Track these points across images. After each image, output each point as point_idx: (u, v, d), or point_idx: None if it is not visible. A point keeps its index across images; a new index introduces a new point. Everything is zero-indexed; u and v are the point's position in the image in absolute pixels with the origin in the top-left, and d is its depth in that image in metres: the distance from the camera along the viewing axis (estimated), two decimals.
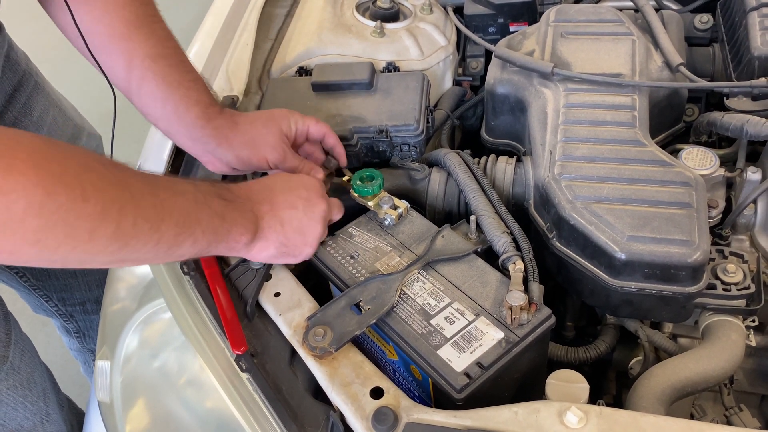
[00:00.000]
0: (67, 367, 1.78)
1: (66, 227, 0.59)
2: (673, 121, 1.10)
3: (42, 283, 1.35)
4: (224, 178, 1.00)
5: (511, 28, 1.28)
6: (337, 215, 0.92)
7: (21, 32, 1.19)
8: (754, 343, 0.91)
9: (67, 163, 0.59)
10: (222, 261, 0.94)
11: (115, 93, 1.15)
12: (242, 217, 0.78)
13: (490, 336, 0.78)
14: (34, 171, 0.56)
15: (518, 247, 0.88)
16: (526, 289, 0.82)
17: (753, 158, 1.03)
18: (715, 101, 1.14)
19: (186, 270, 0.91)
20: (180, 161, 1.05)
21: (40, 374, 1.18)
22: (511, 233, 0.90)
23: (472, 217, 0.92)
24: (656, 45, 1.07)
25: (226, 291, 0.87)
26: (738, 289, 0.86)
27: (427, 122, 1.06)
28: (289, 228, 0.83)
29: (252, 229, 0.79)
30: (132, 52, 0.88)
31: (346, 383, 0.77)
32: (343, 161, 1.01)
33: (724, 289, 0.86)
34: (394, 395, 0.75)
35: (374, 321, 0.81)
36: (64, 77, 1.36)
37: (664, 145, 1.06)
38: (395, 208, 0.94)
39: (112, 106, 0.97)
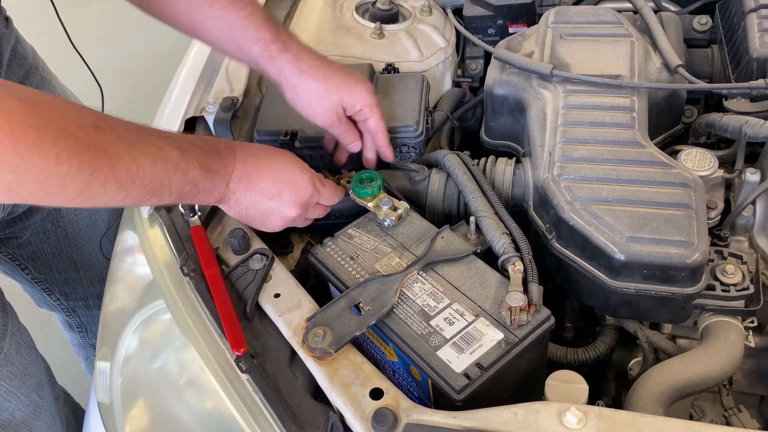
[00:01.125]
0: (67, 367, 1.78)
1: (38, 183, 0.64)
2: (672, 123, 1.10)
3: (43, 276, 1.35)
4: None
5: (510, 30, 1.28)
6: (323, 212, 0.96)
7: (23, 31, 1.20)
8: (753, 344, 0.91)
9: (45, 130, 0.63)
10: (222, 262, 0.94)
11: (102, 92, 1.15)
12: (214, 189, 0.83)
13: (490, 337, 0.79)
14: (10, 137, 0.61)
15: (518, 248, 0.89)
16: (526, 290, 0.82)
17: (752, 159, 1.03)
18: (714, 102, 1.15)
19: (186, 271, 0.91)
20: None
21: (35, 366, 1.19)
22: (511, 234, 0.90)
23: (472, 218, 0.92)
24: (655, 46, 1.07)
25: (226, 292, 0.88)
26: (737, 290, 0.86)
27: (427, 123, 1.06)
28: (254, 210, 0.88)
29: (219, 197, 0.85)
30: (192, 2, 0.92)
31: (346, 384, 0.77)
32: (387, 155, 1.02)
33: (723, 290, 0.86)
34: (393, 396, 0.76)
35: (374, 322, 0.81)
36: (65, 79, 1.38)
37: (663, 147, 1.06)
38: (395, 209, 0.94)
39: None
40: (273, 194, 0.87)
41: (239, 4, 0.92)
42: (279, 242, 1.09)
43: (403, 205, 0.95)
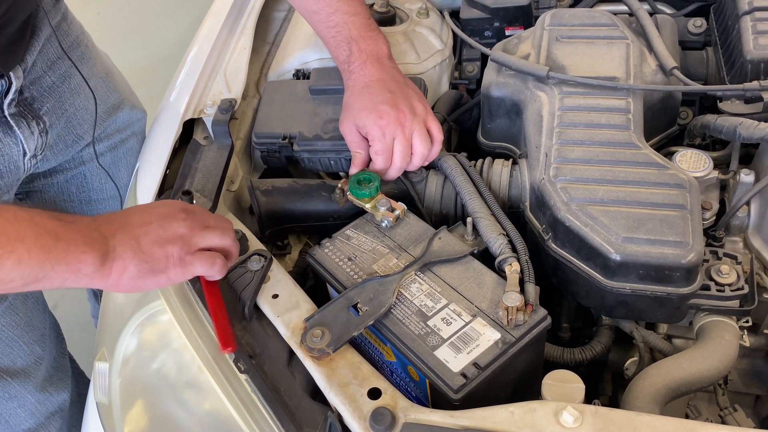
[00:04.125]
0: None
1: None
2: (667, 124, 1.11)
3: None
4: None
5: (507, 32, 1.29)
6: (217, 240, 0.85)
7: None
8: (747, 344, 0.91)
9: None
10: None
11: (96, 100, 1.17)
12: (83, 236, 0.74)
13: (487, 337, 0.79)
14: None
15: (514, 249, 0.89)
16: (522, 291, 0.83)
17: (746, 160, 1.04)
18: (709, 104, 1.15)
19: None
20: (178, 164, 1.06)
21: (40, 321, 1.21)
22: (508, 235, 0.91)
23: (469, 219, 0.93)
24: (650, 49, 1.08)
25: (218, 290, 0.87)
26: (732, 290, 0.86)
27: None
28: (145, 242, 0.78)
29: (99, 248, 0.74)
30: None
31: (344, 384, 0.78)
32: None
33: (718, 290, 0.86)
34: (391, 396, 0.76)
35: (372, 322, 0.81)
36: None
37: (658, 148, 1.07)
38: (392, 210, 0.95)
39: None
40: (151, 217, 0.80)
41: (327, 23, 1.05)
42: (277, 243, 1.09)
43: (400, 206, 0.95)
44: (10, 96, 0.99)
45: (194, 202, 0.97)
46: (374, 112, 0.97)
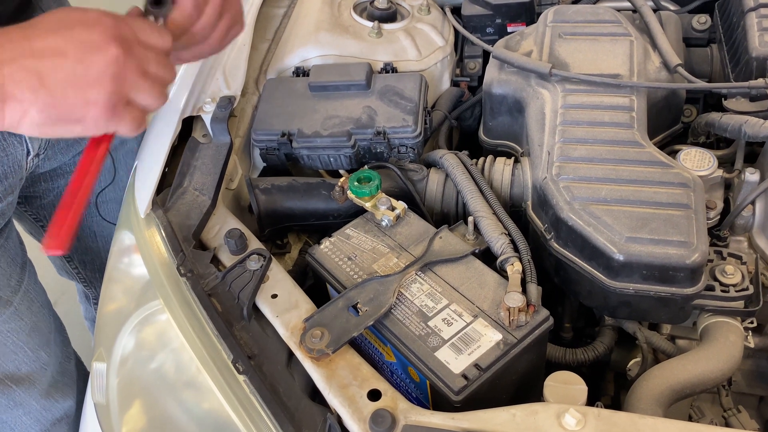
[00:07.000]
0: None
1: None
2: (671, 122, 1.10)
3: None
4: None
5: (509, 29, 1.28)
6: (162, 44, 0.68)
7: None
8: (752, 345, 0.91)
9: None
10: (219, 263, 0.93)
11: None
12: None
13: (488, 338, 0.78)
14: None
15: (516, 249, 0.88)
16: (524, 291, 0.82)
17: (751, 159, 1.03)
18: (714, 102, 1.14)
19: (182, 271, 0.90)
20: (177, 162, 1.05)
21: (45, 325, 1.20)
22: (509, 234, 0.90)
23: (470, 219, 0.92)
24: (654, 46, 1.07)
25: (97, 165, 0.71)
26: (736, 291, 0.85)
27: (425, 123, 1.06)
28: (54, 81, 0.62)
29: None
30: None
31: (344, 385, 0.77)
32: None
33: (722, 291, 0.86)
34: (391, 397, 0.75)
35: (372, 323, 0.81)
36: None
37: (662, 146, 1.06)
38: (393, 209, 0.94)
39: None
40: (66, 43, 0.62)
41: None
42: (276, 242, 1.08)
43: (401, 205, 0.95)
44: None
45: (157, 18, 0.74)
46: None
